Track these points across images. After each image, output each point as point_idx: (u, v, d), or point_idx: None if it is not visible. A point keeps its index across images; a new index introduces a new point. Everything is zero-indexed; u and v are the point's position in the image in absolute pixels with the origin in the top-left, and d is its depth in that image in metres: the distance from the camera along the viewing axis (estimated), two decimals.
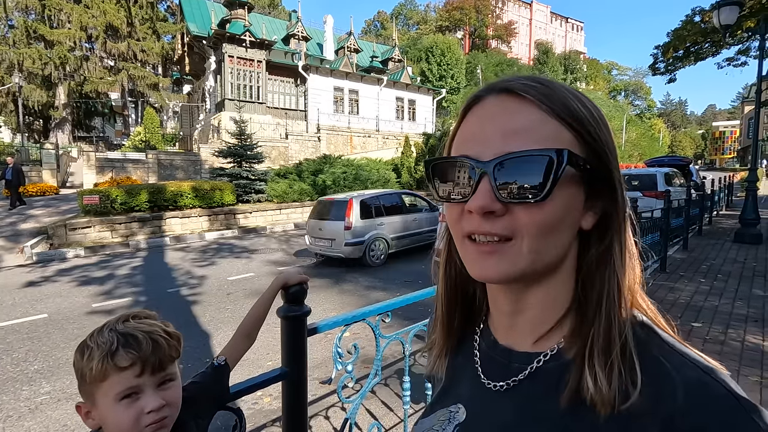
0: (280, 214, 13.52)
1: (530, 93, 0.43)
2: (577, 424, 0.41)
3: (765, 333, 3.80)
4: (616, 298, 0.43)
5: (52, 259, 8.62)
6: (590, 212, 0.45)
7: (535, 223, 0.41)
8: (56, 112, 22.37)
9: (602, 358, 0.41)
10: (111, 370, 0.72)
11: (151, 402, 0.75)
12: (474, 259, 0.44)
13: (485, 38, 60.92)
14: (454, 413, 0.52)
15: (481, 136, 0.44)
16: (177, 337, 0.81)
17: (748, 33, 12.16)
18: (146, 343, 0.75)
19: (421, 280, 6.54)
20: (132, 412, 0.74)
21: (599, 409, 0.40)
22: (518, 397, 0.47)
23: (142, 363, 0.74)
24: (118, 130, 29.15)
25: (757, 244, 8.11)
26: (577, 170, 0.42)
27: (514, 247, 0.42)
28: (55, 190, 16.76)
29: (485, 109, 0.45)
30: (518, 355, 0.49)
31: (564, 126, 0.42)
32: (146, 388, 0.75)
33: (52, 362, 3.86)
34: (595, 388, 0.40)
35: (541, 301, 0.47)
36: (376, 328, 1.59)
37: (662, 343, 0.43)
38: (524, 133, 0.42)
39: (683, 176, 11.82)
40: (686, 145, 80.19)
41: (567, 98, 0.43)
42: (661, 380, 0.39)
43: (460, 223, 0.45)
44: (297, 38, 27.26)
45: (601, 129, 0.44)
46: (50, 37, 20.70)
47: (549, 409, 0.43)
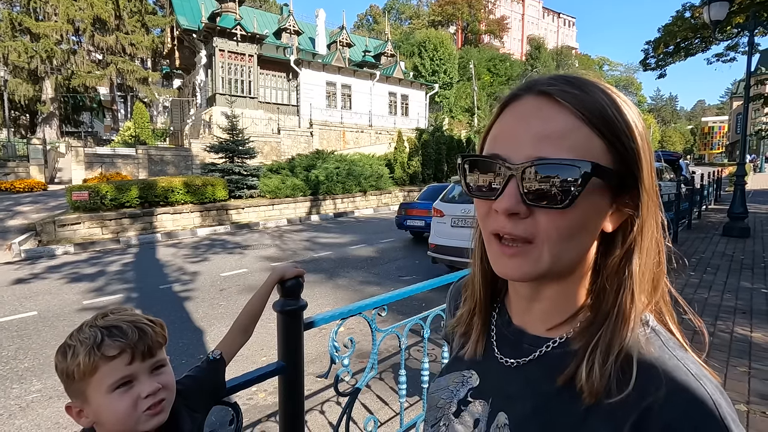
0: (273, 209, 13.45)
1: (567, 99, 0.43)
2: (563, 406, 0.46)
3: (753, 324, 3.87)
4: (628, 303, 0.45)
5: (41, 255, 8.49)
6: (614, 216, 0.46)
7: (556, 228, 0.43)
8: (43, 106, 21.98)
9: (602, 356, 0.44)
10: (100, 362, 0.71)
11: (146, 387, 0.74)
12: (497, 258, 0.48)
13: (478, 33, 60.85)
14: (468, 377, 0.58)
15: (514, 137, 0.45)
16: (160, 324, 0.81)
17: (737, 29, 12.29)
18: (132, 331, 0.75)
19: (415, 276, 6.56)
20: (128, 399, 0.73)
21: (585, 397, 0.43)
22: (524, 374, 0.51)
23: (132, 350, 0.73)
24: (107, 125, 28.74)
25: (745, 238, 8.24)
26: (604, 180, 0.43)
27: (534, 251, 0.45)
28: (43, 186, 16.50)
29: (521, 109, 0.46)
30: (529, 337, 0.53)
31: (596, 134, 0.43)
32: (140, 375, 0.75)
33: (42, 360, 3.81)
34: (587, 380, 0.43)
35: (557, 295, 0.50)
36: (372, 322, 1.59)
37: (662, 347, 0.44)
38: (556, 139, 0.43)
39: (673, 171, 11.95)
40: (676, 141, 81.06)
41: (604, 105, 0.43)
42: (650, 379, 0.42)
43: (487, 220, 0.48)
44: (289, 32, 27.02)
45: (634, 137, 0.44)
46: (36, 30, 20.30)
47: (545, 389, 0.48)
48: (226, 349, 1.02)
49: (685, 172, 13.50)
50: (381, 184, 16.97)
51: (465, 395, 0.57)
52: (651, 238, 0.46)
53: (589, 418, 0.43)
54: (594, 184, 0.42)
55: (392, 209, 16.52)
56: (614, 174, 0.43)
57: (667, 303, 0.50)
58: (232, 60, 22.27)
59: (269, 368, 1.20)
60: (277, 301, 1.20)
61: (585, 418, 0.44)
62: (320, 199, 14.74)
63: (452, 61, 39.21)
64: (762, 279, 5.39)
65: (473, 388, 0.57)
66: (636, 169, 0.44)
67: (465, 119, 39.10)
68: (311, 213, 14.33)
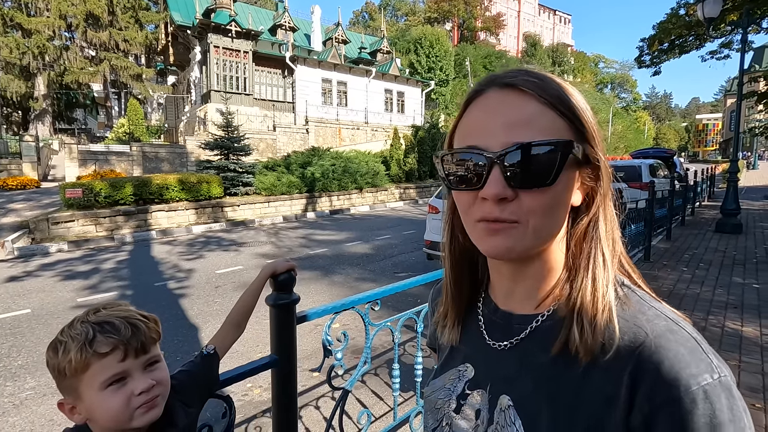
0: (269, 206, 13.41)
1: (530, 87, 0.47)
2: (562, 372, 0.48)
3: (744, 319, 3.92)
4: (600, 263, 0.49)
5: (34, 253, 8.44)
6: (580, 189, 0.51)
7: (540, 206, 0.47)
8: (36, 103, 21.76)
9: (588, 314, 0.47)
10: (92, 359, 0.70)
11: (140, 384, 0.74)
12: (482, 237, 0.49)
13: (474, 30, 60.80)
14: (463, 371, 0.59)
15: (486, 127, 0.48)
16: (154, 320, 0.81)
17: (731, 26, 12.35)
18: (124, 327, 0.74)
19: (411, 272, 6.57)
20: (121, 396, 0.72)
21: (582, 356, 0.46)
22: (519, 352, 0.53)
23: (124, 347, 0.72)
24: (101, 121, 28.50)
25: (738, 234, 8.32)
26: (574, 155, 0.47)
27: (519, 229, 0.47)
28: (36, 184, 16.35)
29: (488, 102, 0.49)
30: (517, 317, 0.55)
31: (558, 115, 0.47)
32: (133, 371, 0.74)
33: (36, 357, 3.79)
34: (581, 340, 0.46)
35: (538, 271, 0.53)
36: (365, 316, 1.60)
37: (640, 300, 0.49)
38: (526, 124, 0.46)
39: (667, 168, 12.03)
40: (670, 138, 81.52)
41: (559, 90, 0.48)
42: (635, 330, 0.45)
43: (472, 210, 0.50)
44: (284, 29, 26.87)
45: (587, 115, 0.49)
46: (28, 26, 20.06)
47: (542, 361, 0.50)
48: (219, 343, 1.02)
49: (679, 169, 13.61)
50: (377, 181, 16.96)
51: (462, 389, 0.58)
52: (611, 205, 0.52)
53: (588, 377, 0.46)
54: (569, 159, 0.46)
55: (388, 206, 16.52)
56: (582, 148, 0.47)
57: (629, 261, 0.54)
58: (227, 56, 22.12)
59: (262, 362, 1.21)
60: (270, 295, 1.21)
61: (584, 378, 0.46)
62: (316, 197, 14.71)
63: (448, 58, 39.17)
64: (753, 274, 5.45)
65: (469, 380, 0.57)
66: (594, 143, 0.49)
67: None
68: (307, 210, 14.30)
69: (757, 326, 3.74)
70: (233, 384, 1.15)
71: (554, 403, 0.47)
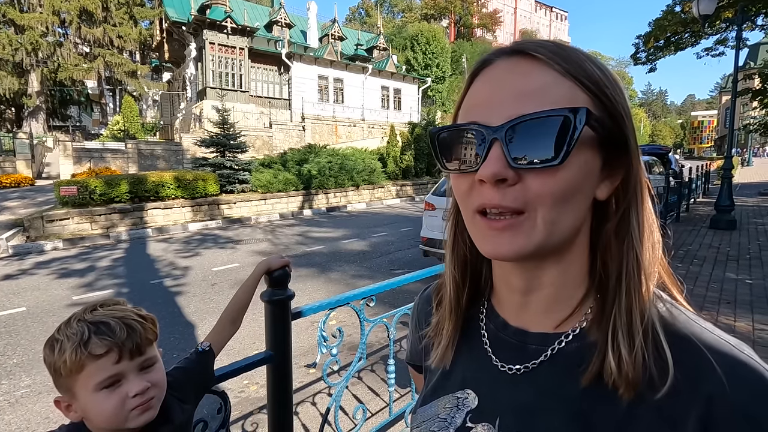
0: (265, 204, 13.38)
1: (542, 53, 0.40)
2: (600, 406, 0.40)
3: (737, 314, 3.95)
4: (636, 274, 0.41)
5: (29, 251, 8.39)
6: (606, 181, 0.42)
7: (549, 191, 0.38)
8: (29, 100, 21.57)
9: (626, 338, 0.39)
10: (86, 360, 0.70)
11: (135, 386, 0.73)
12: (485, 236, 0.41)
13: (470, 27, 60.68)
14: (463, 399, 0.49)
15: (491, 100, 0.41)
16: (151, 320, 0.80)
17: (726, 23, 12.41)
18: (120, 328, 0.73)
19: (407, 269, 6.59)
20: (115, 398, 0.72)
21: (622, 393, 0.38)
22: (538, 380, 0.44)
23: (119, 349, 0.72)
24: (96, 119, 28.32)
25: (731, 230, 8.38)
26: (595, 133, 0.39)
27: (527, 221, 0.39)
28: (30, 181, 16.25)
29: (495, 72, 0.42)
30: (534, 336, 0.46)
31: (579, 86, 0.39)
32: (128, 373, 0.74)
33: (31, 355, 3.78)
34: (619, 371, 0.38)
35: (557, 279, 0.44)
36: (360, 312, 1.60)
37: (688, 320, 0.41)
38: (538, 94, 0.39)
39: (662, 165, 12.08)
40: (666, 135, 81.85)
41: (581, 59, 0.40)
42: (695, 359, 0.38)
43: (470, 197, 0.42)
44: (280, 25, 26.74)
45: (617, 91, 0.41)
46: (21, 22, 19.85)
47: (570, 393, 0.41)
48: (214, 340, 1.03)
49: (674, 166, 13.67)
50: (374, 178, 16.95)
51: (463, 421, 0.48)
52: (647, 202, 0.43)
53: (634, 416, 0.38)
54: (585, 138, 0.38)
55: (385, 203, 16.52)
56: (605, 127, 0.39)
57: (669, 273, 0.45)
58: (222, 53, 21.99)
59: (257, 357, 1.22)
60: (265, 291, 1.21)
61: (629, 417, 0.38)
62: (312, 194, 14.69)
63: (445, 55, 39.09)
64: (746, 270, 5.49)
65: (472, 410, 0.48)
66: (623, 124, 0.40)
67: None
68: (303, 207, 14.29)
69: (749, 321, 3.78)
70: (229, 380, 1.15)
71: None
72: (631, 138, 0.41)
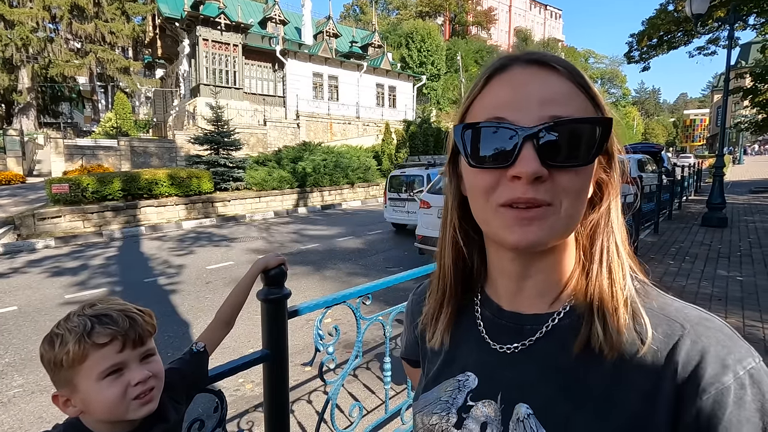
0: (260, 202, 13.34)
1: (561, 65, 0.45)
2: (590, 371, 0.45)
3: (727, 311, 4.01)
4: (615, 255, 0.47)
5: (21, 250, 8.30)
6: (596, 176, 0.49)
7: (574, 187, 0.44)
8: (20, 96, 21.29)
9: (609, 308, 0.45)
10: (90, 349, 0.71)
11: (137, 374, 0.74)
12: (512, 226, 0.44)
13: (465, 24, 60.69)
14: (464, 381, 0.53)
15: (515, 102, 0.44)
16: (149, 313, 0.81)
17: (718, 22, 12.52)
18: (122, 318, 0.74)
19: (402, 267, 6.60)
20: (118, 386, 0.72)
21: (606, 353, 0.43)
22: (535, 355, 0.49)
23: (123, 338, 0.73)
24: (87, 116, 27.99)
25: (723, 228, 8.48)
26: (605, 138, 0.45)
27: (554, 213, 0.44)
28: (21, 179, 16.07)
29: (515, 77, 0.45)
30: (529, 317, 0.50)
31: (588, 100, 0.45)
32: (130, 362, 0.74)
33: (24, 355, 3.75)
34: (605, 336, 0.44)
35: (550, 265, 0.49)
36: (356, 310, 1.61)
37: (660, 293, 0.48)
38: (562, 101, 0.43)
39: (655, 163, 12.18)
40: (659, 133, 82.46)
41: (582, 75, 0.46)
42: (669, 322, 0.44)
43: (496, 192, 0.45)
44: (274, 22, 26.58)
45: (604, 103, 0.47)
46: (10, 17, 19.57)
47: (565, 362, 0.46)
48: (208, 340, 1.02)
49: (667, 164, 13.78)
50: (369, 176, 16.94)
51: (464, 401, 0.51)
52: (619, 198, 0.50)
53: (620, 375, 0.43)
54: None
55: (380, 201, 16.52)
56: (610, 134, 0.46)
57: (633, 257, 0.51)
58: (216, 50, 21.83)
59: (254, 356, 1.21)
60: (261, 290, 1.21)
61: (616, 376, 0.43)
62: (307, 192, 14.66)
63: (440, 53, 39.10)
64: (737, 267, 5.56)
65: (472, 390, 0.51)
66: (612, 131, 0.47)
67: (452, 111, 39.09)
68: (298, 205, 14.25)
69: (740, 318, 3.83)
70: (225, 379, 1.15)
71: (584, 407, 0.43)
72: (617, 143, 0.48)
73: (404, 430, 2.11)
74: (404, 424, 2.13)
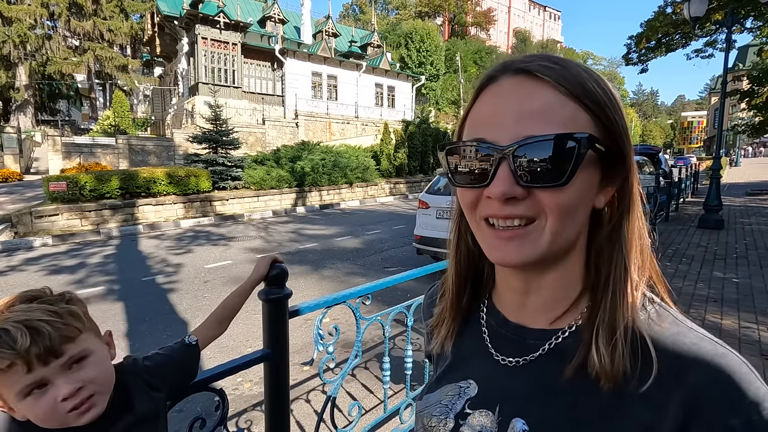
0: (258, 201, 13.32)
1: (547, 74, 0.42)
2: (592, 396, 0.43)
3: (723, 312, 4.03)
4: (622, 277, 0.44)
5: (18, 248, 8.27)
6: (604, 190, 0.45)
7: (557, 205, 0.41)
8: (17, 93, 21.18)
9: (607, 334, 0.42)
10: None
11: (62, 389, 0.66)
12: (492, 245, 0.44)
13: (464, 25, 60.76)
14: (465, 388, 0.52)
15: (497, 118, 0.43)
16: (69, 312, 0.69)
17: (716, 25, 12.57)
18: (21, 335, 0.63)
19: (401, 267, 6.61)
20: (44, 403, 0.66)
21: (603, 383, 0.42)
22: (536, 371, 0.47)
23: (24, 359, 0.63)
24: (85, 113, 27.88)
25: (719, 229, 8.52)
26: (596, 153, 0.41)
27: (536, 230, 0.42)
28: (18, 177, 16.01)
29: (500, 89, 0.44)
30: (533, 332, 0.49)
31: (581, 107, 0.42)
32: (51, 377, 0.66)
33: None
34: (599, 364, 0.41)
35: (555, 282, 0.47)
36: (356, 310, 1.62)
37: (675, 321, 0.44)
38: (542, 115, 0.41)
39: (653, 164, 12.23)
40: (656, 135, 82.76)
41: (583, 78, 0.42)
42: (678, 355, 0.41)
43: (477, 208, 0.45)
44: (273, 21, 26.55)
45: (616, 111, 0.43)
46: (8, 14, 19.48)
47: (564, 383, 0.45)
48: (201, 335, 1.00)
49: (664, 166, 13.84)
50: (367, 176, 16.94)
51: (462, 408, 0.51)
52: (638, 211, 0.46)
53: (623, 405, 0.41)
54: (588, 156, 0.41)
55: (378, 201, 16.53)
56: (603, 146, 0.42)
57: (659, 277, 0.48)
58: (215, 48, 21.79)
59: (255, 355, 1.22)
60: (263, 290, 1.22)
61: (618, 405, 0.41)
62: (306, 191, 14.65)
63: (439, 53, 39.11)
64: (733, 269, 5.60)
65: (472, 398, 0.51)
66: (622, 142, 0.43)
67: (451, 111, 39.17)
68: (297, 205, 14.25)
69: (735, 319, 3.85)
70: (225, 378, 1.16)
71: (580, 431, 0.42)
72: (629, 154, 0.44)
73: (403, 429, 2.13)
74: (403, 424, 2.14)
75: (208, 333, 1.03)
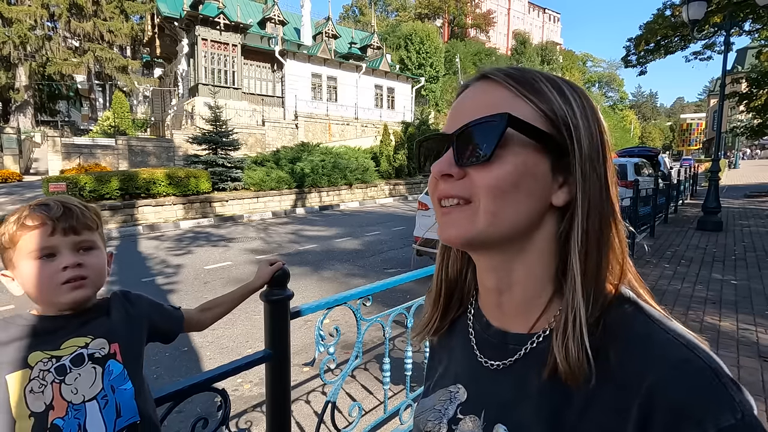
0: (258, 202, 13.33)
1: (501, 77, 0.47)
2: (564, 399, 0.43)
3: (721, 314, 4.05)
4: (580, 277, 0.43)
5: None
6: (563, 188, 0.45)
7: (486, 183, 0.44)
8: (17, 94, 21.19)
9: (571, 336, 0.42)
10: (22, 231, 0.77)
11: (66, 259, 0.79)
12: (439, 223, 0.49)
13: (464, 27, 60.88)
14: (455, 393, 0.54)
15: (456, 114, 0.49)
16: (94, 211, 0.86)
17: (715, 28, 12.61)
18: (57, 207, 0.80)
19: (400, 268, 6.62)
20: (48, 269, 0.78)
21: (570, 383, 0.42)
22: (514, 375, 0.49)
23: (53, 223, 0.78)
24: (85, 114, 27.89)
25: (718, 231, 8.55)
26: (529, 137, 0.44)
27: (471, 208, 0.46)
28: (17, 177, 16.01)
29: (467, 93, 0.50)
30: (513, 336, 0.50)
31: (527, 102, 0.45)
32: (61, 248, 0.79)
33: None
34: (566, 365, 0.42)
35: (523, 279, 0.48)
36: (357, 312, 1.63)
37: (647, 320, 0.44)
38: (491, 108, 0.46)
39: (652, 166, 12.26)
40: (656, 137, 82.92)
41: (535, 79, 0.46)
42: (644, 357, 0.40)
43: (434, 191, 0.50)
44: (273, 22, 26.60)
45: (568, 105, 0.45)
46: (8, 15, 19.50)
47: (539, 387, 0.45)
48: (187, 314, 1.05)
49: (664, 168, 13.88)
50: (367, 177, 16.95)
51: (454, 413, 0.53)
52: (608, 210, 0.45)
53: (589, 408, 0.41)
54: (518, 140, 0.44)
55: (378, 202, 16.55)
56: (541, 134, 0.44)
57: (636, 274, 0.48)
58: (215, 49, 21.82)
59: (257, 356, 1.24)
60: (264, 291, 1.23)
61: (586, 408, 0.42)
62: (305, 192, 14.66)
63: (438, 55, 39.18)
64: (732, 271, 5.62)
65: (462, 403, 0.53)
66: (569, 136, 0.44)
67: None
68: (296, 206, 14.25)
69: (734, 321, 3.87)
70: (227, 378, 1.17)
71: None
72: (578, 150, 0.44)
73: (402, 430, 2.14)
74: (402, 424, 2.15)
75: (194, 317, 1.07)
